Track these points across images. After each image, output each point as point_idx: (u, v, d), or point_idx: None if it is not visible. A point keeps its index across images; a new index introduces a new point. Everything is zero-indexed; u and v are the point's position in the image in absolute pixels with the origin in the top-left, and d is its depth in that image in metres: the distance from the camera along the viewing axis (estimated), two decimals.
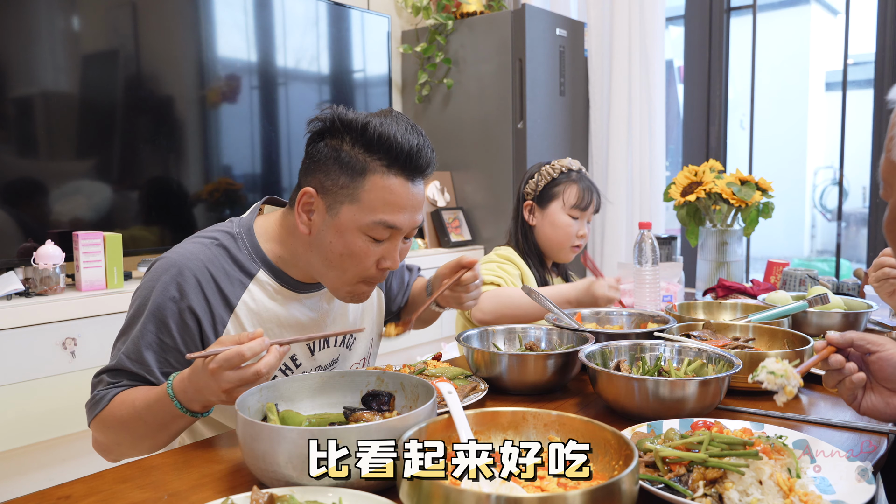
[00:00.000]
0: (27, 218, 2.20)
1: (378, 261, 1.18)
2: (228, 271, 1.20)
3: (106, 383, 1.16)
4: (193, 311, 1.16)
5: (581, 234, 1.98)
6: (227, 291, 1.19)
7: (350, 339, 1.40)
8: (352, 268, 1.17)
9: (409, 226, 1.18)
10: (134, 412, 1.10)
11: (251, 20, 2.81)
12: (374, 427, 0.84)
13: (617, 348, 1.28)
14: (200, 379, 0.99)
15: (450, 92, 3.53)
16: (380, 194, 1.13)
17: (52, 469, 2.05)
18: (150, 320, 1.15)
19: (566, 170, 1.98)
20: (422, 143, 1.15)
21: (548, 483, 0.81)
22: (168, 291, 1.15)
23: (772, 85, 5.57)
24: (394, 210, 1.14)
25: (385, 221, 1.14)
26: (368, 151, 1.13)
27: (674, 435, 0.95)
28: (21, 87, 2.19)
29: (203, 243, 1.21)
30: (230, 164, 2.78)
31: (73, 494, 0.89)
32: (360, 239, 1.15)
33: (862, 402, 1.00)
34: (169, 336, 1.15)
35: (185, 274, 1.16)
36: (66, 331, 2.03)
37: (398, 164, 1.13)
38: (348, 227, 1.15)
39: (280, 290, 1.24)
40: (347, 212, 1.14)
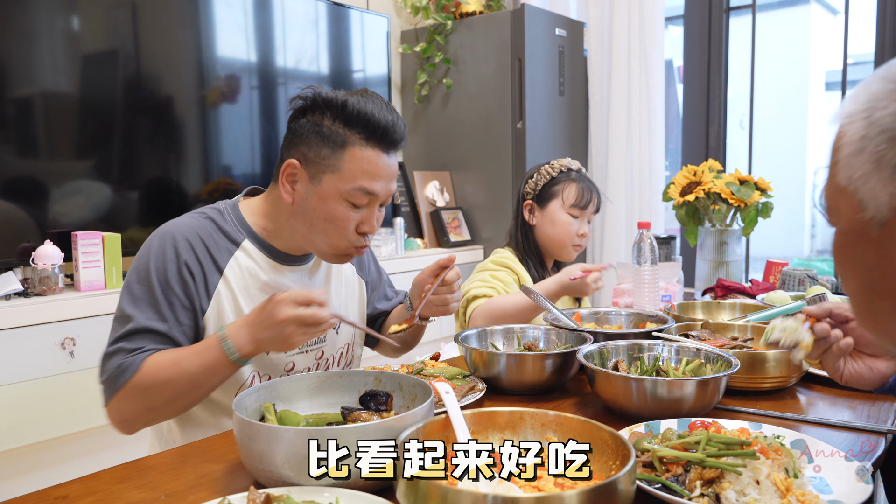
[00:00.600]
0: (26, 218, 2.20)
1: (358, 225, 1.28)
2: (216, 239, 1.29)
3: (126, 351, 1.18)
4: (189, 267, 1.24)
5: (581, 232, 1.97)
6: (216, 256, 1.28)
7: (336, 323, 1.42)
8: (334, 232, 1.27)
9: (385, 193, 1.28)
10: (177, 367, 1.15)
11: (251, 20, 2.81)
12: (372, 427, 0.84)
13: (615, 348, 1.28)
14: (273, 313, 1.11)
15: (449, 92, 3.53)
16: (359, 164, 1.24)
17: (51, 469, 2.05)
18: (155, 282, 1.22)
19: (566, 169, 1.98)
20: (395, 119, 1.27)
21: (545, 483, 0.81)
22: (164, 253, 1.24)
23: (772, 85, 5.57)
24: (371, 178, 1.25)
25: (364, 188, 1.24)
26: (348, 126, 1.24)
27: (671, 435, 0.95)
28: (21, 87, 2.19)
29: (191, 215, 1.32)
30: (230, 164, 2.77)
31: (70, 494, 0.89)
32: (342, 205, 1.25)
33: (844, 372, 1.00)
34: (174, 294, 1.23)
35: (177, 237, 1.25)
36: (65, 331, 2.03)
37: (375, 137, 1.24)
38: (330, 194, 1.24)
39: (265, 259, 1.32)
40: (329, 180, 1.24)
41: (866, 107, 0.59)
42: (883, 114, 0.57)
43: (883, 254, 0.60)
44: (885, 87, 0.58)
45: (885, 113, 0.57)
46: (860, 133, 0.59)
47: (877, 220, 0.59)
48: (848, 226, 0.63)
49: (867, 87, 0.60)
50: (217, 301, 1.26)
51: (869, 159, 0.58)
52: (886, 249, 0.59)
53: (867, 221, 0.59)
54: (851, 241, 0.63)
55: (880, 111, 0.57)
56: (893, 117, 0.56)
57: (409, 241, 3.31)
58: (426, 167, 3.63)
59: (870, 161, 0.58)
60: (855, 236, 0.62)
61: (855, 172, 0.59)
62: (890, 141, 0.56)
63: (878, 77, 0.60)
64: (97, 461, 2.13)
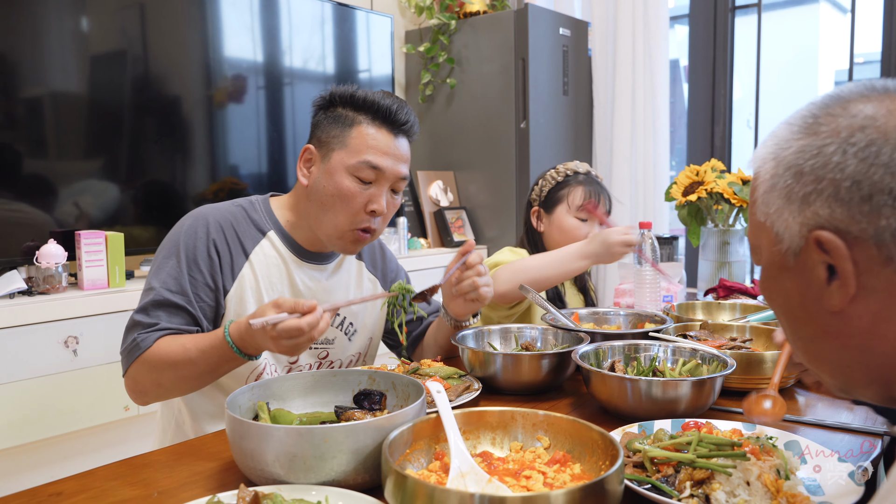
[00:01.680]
0: (31, 217, 2.22)
1: (366, 204, 1.30)
2: (245, 226, 1.35)
3: (145, 326, 1.24)
4: (216, 247, 1.30)
5: None
6: (244, 241, 1.34)
7: (351, 328, 1.44)
8: (342, 209, 1.30)
9: (392, 172, 1.31)
10: (184, 355, 1.19)
11: (257, 21, 2.82)
12: (362, 426, 0.85)
13: (611, 348, 1.27)
14: (257, 337, 1.11)
15: (453, 92, 3.53)
16: (365, 140, 1.30)
17: (53, 467, 2.07)
18: (182, 258, 1.28)
19: (572, 172, 1.94)
20: (402, 104, 1.33)
21: (534, 482, 0.81)
22: (195, 231, 1.30)
23: (779, 84, 5.54)
24: (377, 153, 1.29)
25: (369, 161, 1.29)
26: (356, 109, 1.32)
27: (663, 435, 0.95)
28: (30, 87, 2.21)
29: (223, 203, 1.39)
30: (236, 164, 2.79)
31: (64, 491, 0.90)
32: (348, 179, 1.29)
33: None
34: (199, 272, 1.28)
35: (208, 219, 1.32)
36: (69, 329, 2.05)
37: (380, 117, 1.31)
38: (338, 168, 1.30)
39: (286, 252, 1.37)
40: (337, 156, 1.30)
41: (774, 149, 0.66)
42: (787, 153, 0.64)
43: (801, 281, 0.64)
44: (789, 130, 0.65)
45: (789, 151, 0.63)
46: (771, 172, 0.65)
47: (791, 249, 0.63)
48: (769, 260, 0.67)
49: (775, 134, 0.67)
50: (240, 283, 1.31)
51: (780, 194, 0.64)
52: (803, 276, 0.63)
53: (784, 253, 0.64)
54: (773, 275, 0.67)
55: (785, 150, 0.64)
56: (796, 154, 0.63)
57: (413, 240, 3.32)
58: (430, 167, 3.64)
59: (781, 196, 0.64)
60: (775, 269, 0.67)
61: (770, 208, 0.65)
62: (796, 175, 0.62)
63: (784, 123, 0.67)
64: (100, 459, 2.14)
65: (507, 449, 0.93)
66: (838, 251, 0.59)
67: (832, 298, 0.61)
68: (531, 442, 0.93)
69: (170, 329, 1.24)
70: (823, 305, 0.62)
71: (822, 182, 0.60)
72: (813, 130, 0.62)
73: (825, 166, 0.60)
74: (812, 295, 0.63)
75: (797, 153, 0.63)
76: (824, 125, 0.62)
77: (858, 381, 0.65)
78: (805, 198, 0.61)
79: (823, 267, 0.61)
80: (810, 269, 0.62)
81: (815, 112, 0.64)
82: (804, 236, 0.62)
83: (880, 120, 0.59)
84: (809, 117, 0.64)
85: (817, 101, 0.65)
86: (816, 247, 0.61)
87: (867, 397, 0.67)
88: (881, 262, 0.58)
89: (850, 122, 0.60)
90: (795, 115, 0.66)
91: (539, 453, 0.89)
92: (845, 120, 0.60)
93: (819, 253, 0.61)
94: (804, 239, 0.62)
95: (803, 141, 0.63)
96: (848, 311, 0.61)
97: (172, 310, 1.25)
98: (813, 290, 0.63)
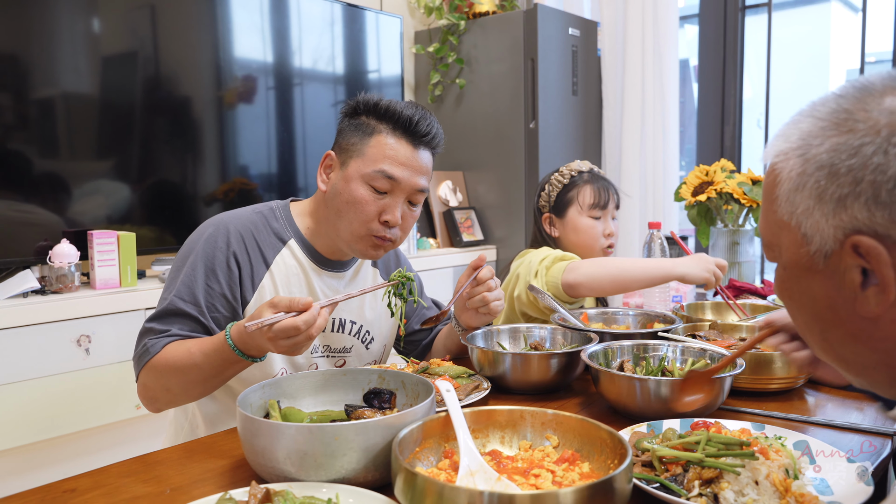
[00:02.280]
0: (45, 217, 2.24)
1: (380, 213, 1.29)
2: (265, 235, 1.35)
3: (156, 332, 1.25)
4: (237, 258, 1.30)
5: (608, 232, 1.91)
6: (265, 250, 1.33)
7: (368, 336, 1.45)
8: (356, 217, 1.29)
9: (408, 183, 1.30)
10: (189, 359, 1.18)
11: (267, 22, 2.83)
12: (372, 424, 0.85)
13: (620, 348, 1.28)
14: (257, 338, 1.09)
15: (462, 92, 3.53)
16: (382, 149, 1.29)
17: (65, 464, 2.09)
18: (199, 267, 1.28)
19: (577, 173, 1.92)
20: (424, 116, 1.32)
21: (543, 481, 0.81)
22: (215, 241, 1.30)
23: (790, 84, 5.51)
24: (393, 163, 1.29)
25: (384, 171, 1.28)
26: (378, 118, 1.31)
27: (672, 435, 0.95)
28: (42, 88, 2.23)
29: (244, 210, 1.38)
30: (246, 164, 2.80)
31: (78, 488, 0.91)
32: (363, 188, 1.28)
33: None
34: (216, 282, 1.27)
35: (229, 228, 1.31)
36: (81, 328, 2.07)
37: (401, 128, 1.30)
38: (354, 176, 1.29)
39: (306, 260, 1.37)
40: (354, 164, 1.30)
41: (800, 144, 0.62)
42: (818, 150, 0.60)
43: (830, 285, 0.62)
44: (817, 125, 0.61)
45: (821, 150, 0.60)
46: (798, 169, 0.62)
47: (822, 252, 0.61)
48: (791, 260, 0.65)
49: (797, 126, 0.63)
50: (260, 294, 1.31)
51: (810, 194, 0.60)
52: (834, 280, 0.61)
53: (812, 254, 0.62)
54: (796, 275, 0.65)
55: (815, 148, 0.60)
56: (829, 153, 0.59)
57: (422, 240, 3.33)
58: (439, 167, 3.64)
59: (811, 196, 0.60)
60: (800, 269, 0.64)
61: (797, 207, 0.62)
62: (830, 176, 0.59)
63: (807, 116, 0.63)
64: (112, 457, 2.15)
65: (517, 447, 0.93)
66: (880, 257, 0.57)
67: (867, 304, 0.59)
68: (540, 441, 0.93)
69: (180, 336, 1.24)
70: (857, 310, 0.60)
71: (861, 184, 0.57)
72: (848, 127, 0.59)
73: (864, 167, 0.57)
74: (843, 299, 0.61)
75: (831, 152, 0.59)
76: (861, 122, 0.58)
77: (883, 382, 0.63)
78: (841, 200, 0.58)
79: (858, 271, 0.59)
80: (842, 272, 0.60)
81: (847, 106, 0.60)
82: (839, 240, 0.59)
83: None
84: (841, 112, 0.60)
85: (845, 92, 0.61)
86: (852, 251, 0.58)
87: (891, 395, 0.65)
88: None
89: (890, 118, 0.56)
90: (821, 107, 0.62)
91: (548, 452, 0.90)
92: (884, 117, 0.57)
93: (854, 257, 0.58)
94: (839, 243, 0.59)
95: (837, 138, 0.59)
96: (884, 317, 0.59)
97: (184, 319, 1.25)
98: (845, 294, 0.60)
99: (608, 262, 1.65)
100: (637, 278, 1.62)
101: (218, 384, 1.24)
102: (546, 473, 0.82)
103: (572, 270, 1.61)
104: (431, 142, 1.34)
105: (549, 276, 1.64)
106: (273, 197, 2.87)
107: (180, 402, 1.29)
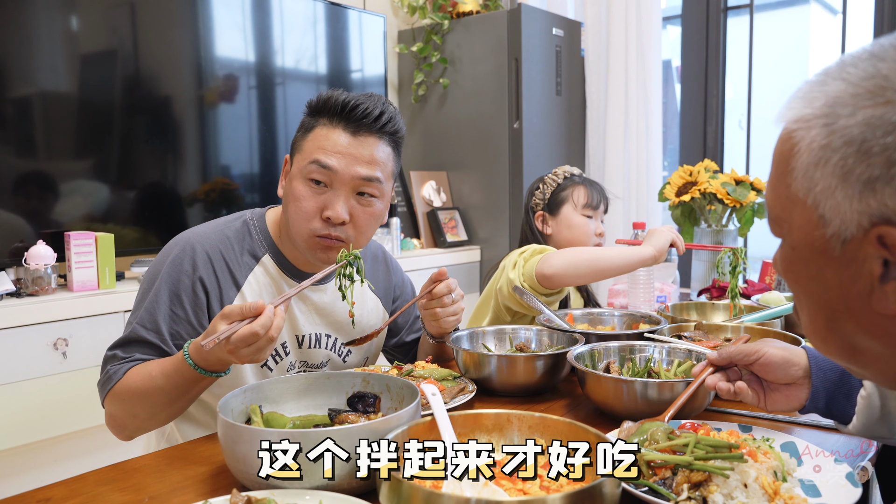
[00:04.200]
0: (20, 218, 2.19)
1: (321, 210, 1.23)
2: (237, 253, 1.28)
3: (119, 359, 1.20)
4: (204, 284, 1.23)
5: (599, 232, 1.97)
6: (235, 271, 1.27)
7: (343, 349, 1.41)
8: (297, 216, 1.23)
9: (347, 172, 1.22)
10: (151, 383, 1.14)
11: (248, 20, 2.80)
12: (356, 429, 0.84)
13: (606, 349, 1.27)
14: (216, 353, 1.04)
15: (446, 92, 3.52)
16: (318, 141, 1.23)
17: (43, 470, 2.05)
18: (164, 292, 1.22)
19: (569, 175, 1.99)
20: (367, 100, 1.23)
21: (531, 486, 0.80)
22: (181, 265, 1.23)
23: (771, 84, 5.56)
24: (327, 153, 1.22)
25: (318, 160, 1.21)
26: (317, 112, 1.26)
27: (660, 437, 0.94)
28: (18, 86, 2.18)
29: (216, 226, 1.30)
30: (227, 164, 2.77)
31: (53, 497, 0.89)
32: (301, 183, 1.23)
33: (767, 403, 1.00)
34: (181, 308, 1.21)
35: (196, 249, 1.24)
36: (58, 331, 2.03)
37: (337, 116, 1.23)
38: (294, 174, 1.25)
39: (280, 275, 1.31)
40: (296, 162, 1.26)
41: (826, 111, 0.54)
42: (848, 122, 0.52)
43: (846, 273, 0.55)
44: (847, 91, 0.53)
45: (852, 122, 0.52)
46: (821, 142, 0.54)
47: (839, 236, 0.54)
48: (803, 240, 0.58)
49: (823, 89, 0.55)
50: None
51: (833, 172, 0.53)
52: (850, 268, 0.55)
53: (828, 238, 0.55)
54: (807, 258, 0.58)
55: (845, 119, 0.52)
56: (861, 127, 0.51)
57: (406, 241, 3.31)
58: (423, 167, 3.63)
59: (834, 174, 0.53)
60: (812, 252, 0.58)
61: (816, 185, 0.55)
62: (859, 154, 0.51)
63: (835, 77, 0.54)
64: (89, 464, 2.12)
65: (503, 452, 0.92)
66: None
67: (886, 299, 0.53)
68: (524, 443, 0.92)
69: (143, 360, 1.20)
70: (872, 304, 0.54)
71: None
72: (886, 97, 0.50)
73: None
74: (858, 291, 0.55)
75: (863, 125, 0.51)
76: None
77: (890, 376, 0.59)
78: (870, 182, 0.51)
79: (879, 262, 0.53)
80: (860, 262, 0.54)
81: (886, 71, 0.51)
82: (864, 227, 0.52)
83: None
84: (879, 78, 0.51)
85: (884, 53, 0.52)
86: (876, 241, 0.52)
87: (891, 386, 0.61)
88: None
89: None
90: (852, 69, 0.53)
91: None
92: None
93: (877, 247, 0.52)
94: (862, 230, 0.52)
95: (871, 110, 0.51)
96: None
97: (146, 347, 1.20)
98: (860, 286, 0.55)
99: (582, 250, 1.69)
100: (612, 266, 1.64)
101: (186, 405, 1.18)
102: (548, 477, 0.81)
103: (547, 260, 1.61)
104: (375, 125, 1.23)
105: (527, 268, 1.65)
106: (255, 197, 2.84)
107: (149, 427, 1.23)
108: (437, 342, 1.41)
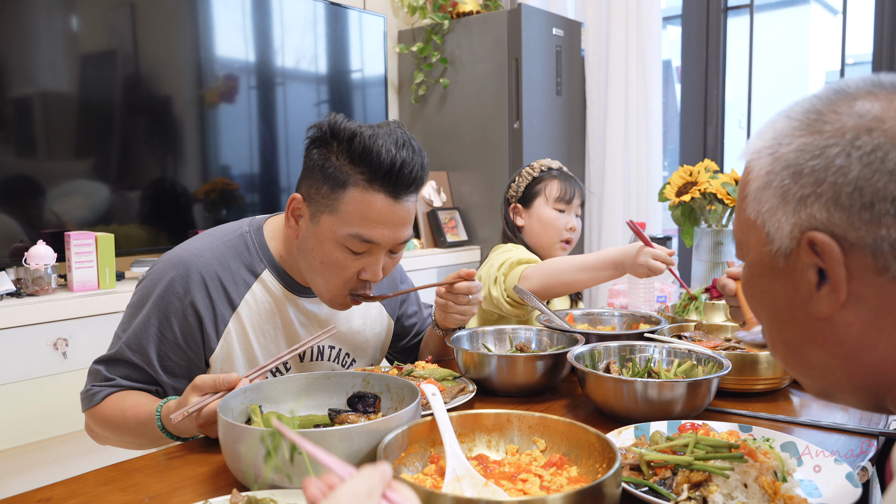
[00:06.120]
0: (20, 218, 2.19)
1: (359, 272, 1.19)
2: (234, 271, 1.23)
3: (102, 378, 1.20)
4: (196, 309, 1.19)
5: (570, 226, 1.99)
6: (231, 291, 1.23)
7: (348, 359, 1.40)
8: (333, 277, 1.19)
9: (388, 241, 1.17)
10: (124, 422, 1.15)
11: (249, 20, 2.80)
12: (356, 429, 0.84)
13: (606, 349, 1.27)
14: (186, 423, 1.02)
15: (446, 92, 3.52)
16: (357, 208, 1.13)
17: (43, 470, 2.04)
18: (154, 314, 1.19)
19: (546, 168, 2.01)
20: (410, 158, 1.13)
21: (531, 486, 0.80)
22: (173, 288, 1.19)
23: (771, 84, 5.56)
24: (371, 225, 1.13)
25: (361, 235, 1.14)
26: (352, 163, 1.13)
27: (660, 437, 0.94)
28: (18, 86, 2.18)
29: (212, 243, 1.25)
30: (227, 164, 2.77)
31: (53, 497, 0.89)
32: (338, 250, 1.16)
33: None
34: (170, 331, 1.19)
35: (191, 272, 1.20)
36: (58, 331, 2.03)
37: (379, 179, 1.12)
38: (327, 237, 1.16)
39: (282, 290, 1.28)
40: (327, 221, 1.15)
41: (771, 143, 0.62)
42: (787, 150, 0.60)
43: (789, 283, 0.62)
44: (789, 125, 0.61)
45: (789, 149, 0.60)
46: (766, 168, 0.62)
47: (782, 251, 0.61)
48: (756, 258, 0.65)
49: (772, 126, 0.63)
50: (226, 341, 1.23)
51: (775, 193, 0.61)
52: (792, 279, 0.61)
53: (773, 253, 0.62)
54: (759, 274, 0.65)
55: (784, 147, 0.60)
56: (796, 153, 0.59)
57: None
58: None
59: (776, 195, 0.61)
60: (763, 268, 0.64)
61: (763, 206, 0.62)
62: (794, 175, 0.59)
63: (783, 115, 0.63)
64: (89, 464, 2.12)
65: (504, 452, 0.92)
66: (832, 254, 0.57)
67: (821, 304, 0.59)
68: (527, 444, 0.92)
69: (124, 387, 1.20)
70: (811, 311, 0.60)
71: (823, 185, 0.57)
72: (816, 128, 0.59)
73: (827, 169, 0.57)
74: (800, 299, 0.61)
75: (797, 151, 0.59)
76: (828, 123, 0.58)
77: (841, 388, 0.63)
78: (802, 199, 0.58)
79: (814, 270, 0.59)
80: (800, 272, 0.60)
81: (819, 107, 0.60)
82: (795, 237, 0.59)
83: (888, 122, 0.55)
84: (812, 112, 0.60)
85: (821, 93, 0.61)
86: (809, 248, 0.58)
87: (849, 403, 0.65)
88: (875, 271, 0.56)
89: (857, 122, 0.56)
90: (796, 107, 0.62)
91: (535, 456, 0.89)
92: (851, 119, 0.57)
93: (810, 255, 0.59)
94: (795, 240, 0.60)
95: (805, 139, 0.59)
96: (836, 319, 0.59)
97: (131, 368, 1.20)
98: (801, 294, 0.61)
99: (558, 268, 1.68)
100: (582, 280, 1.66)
101: (152, 446, 1.18)
102: (534, 478, 0.81)
103: (525, 280, 1.68)
104: (417, 188, 1.17)
105: (507, 284, 1.72)
106: (255, 197, 2.84)
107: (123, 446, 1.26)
108: (440, 334, 1.41)
